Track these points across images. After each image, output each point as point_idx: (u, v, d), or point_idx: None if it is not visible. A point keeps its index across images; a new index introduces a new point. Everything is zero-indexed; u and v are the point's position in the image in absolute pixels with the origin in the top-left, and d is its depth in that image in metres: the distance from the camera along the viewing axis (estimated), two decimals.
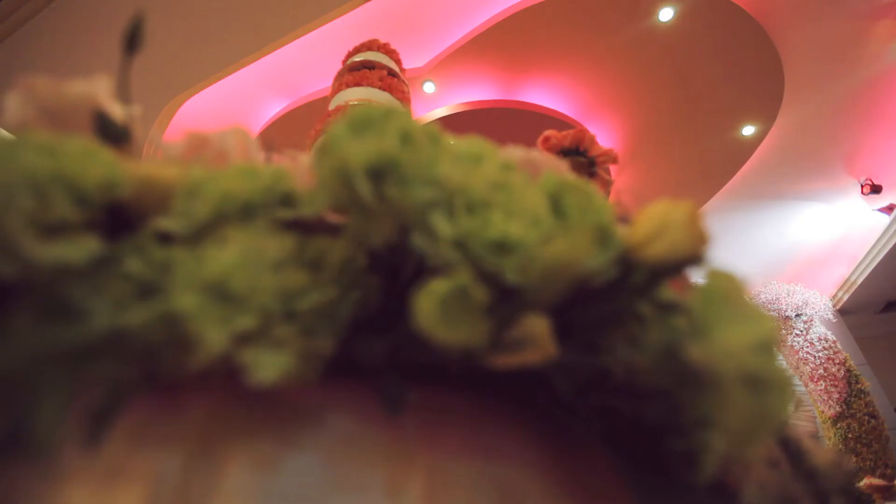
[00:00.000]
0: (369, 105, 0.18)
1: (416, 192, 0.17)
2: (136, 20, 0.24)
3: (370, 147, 0.16)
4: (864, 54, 3.21)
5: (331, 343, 0.18)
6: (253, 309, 0.15)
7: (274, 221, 0.19)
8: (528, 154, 0.26)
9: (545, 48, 3.23)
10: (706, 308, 0.15)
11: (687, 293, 0.19)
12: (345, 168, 0.16)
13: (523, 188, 0.18)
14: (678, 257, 0.19)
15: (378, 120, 0.18)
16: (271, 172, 0.21)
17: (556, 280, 0.15)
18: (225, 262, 0.15)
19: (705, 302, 0.15)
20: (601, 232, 0.20)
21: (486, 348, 0.14)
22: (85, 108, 0.23)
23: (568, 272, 0.15)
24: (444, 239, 0.16)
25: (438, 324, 0.14)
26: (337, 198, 0.17)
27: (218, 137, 0.25)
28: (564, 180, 0.20)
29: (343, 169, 0.16)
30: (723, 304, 0.15)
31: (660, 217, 0.20)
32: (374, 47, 1.54)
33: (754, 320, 0.14)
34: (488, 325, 0.15)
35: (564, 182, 0.20)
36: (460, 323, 0.14)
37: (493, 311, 0.15)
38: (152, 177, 0.21)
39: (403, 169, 0.16)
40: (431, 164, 0.17)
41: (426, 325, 0.14)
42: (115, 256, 0.18)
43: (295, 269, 0.17)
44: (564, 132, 0.84)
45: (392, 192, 0.16)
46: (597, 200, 0.20)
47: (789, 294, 4.87)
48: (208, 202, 0.19)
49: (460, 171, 0.20)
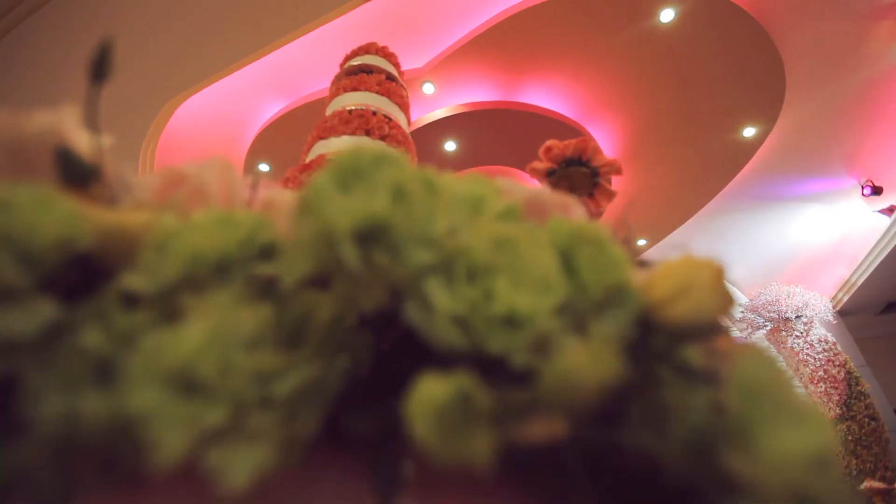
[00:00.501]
0: (358, 151, 0.16)
1: (409, 256, 0.15)
2: (103, 46, 0.22)
3: (358, 207, 0.14)
4: (865, 55, 3.20)
5: (315, 424, 0.16)
6: (223, 399, 0.13)
7: (251, 280, 0.17)
8: (533, 193, 0.24)
9: (545, 49, 3.21)
10: (747, 405, 0.13)
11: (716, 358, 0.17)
12: (329, 232, 0.14)
13: (530, 245, 0.16)
14: (703, 320, 0.17)
15: (367, 170, 0.16)
16: (250, 222, 0.19)
17: (572, 396, 0.13)
18: (191, 344, 0.13)
19: (746, 397, 0.13)
20: (617, 290, 0.18)
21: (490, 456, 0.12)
22: (49, 143, 0.21)
23: (586, 389, 0.13)
24: (443, 314, 0.14)
25: (435, 437, 0.12)
26: (320, 262, 0.15)
27: (196, 173, 0.23)
28: (575, 231, 0.18)
29: (327, 232, 0.14)
30: (767, 402, 0.13)
31: (683, 275, 0.18)
32: (372, 51, 1.51)
33: (806, 424, 0.12)
34: (495, 435, 0.13)
35: (575, 233, 0.18)
36: (461, 435, 0.12)
37: (501, 415, 0.13)
38: (118, 226, 0.19)
39: (395, 231, 0.14)
40: (427, 219, 0.15)
41: (421, 437, 0.12)
42: (71, 324, 0.16)
43: (272, 345, 0.15)
44: (567, 142, 0.81)
45: (382, 258, 0.14)
46: (611, 252, 0.18)
47: (789, 296, 4.85)
48: (178, 260, 0.17)
49: (460, 219, 0.18)
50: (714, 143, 3.86)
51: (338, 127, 1.20)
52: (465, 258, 0.15)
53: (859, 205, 4.61)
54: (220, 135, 3.91)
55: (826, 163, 4.13)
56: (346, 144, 1.27)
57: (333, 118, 1.24)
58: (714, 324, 0.17)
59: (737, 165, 4.08)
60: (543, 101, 3.59)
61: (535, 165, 0.91)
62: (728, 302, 0.17)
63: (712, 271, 0.18)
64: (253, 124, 3.88)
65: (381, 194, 0.15)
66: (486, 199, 0.20)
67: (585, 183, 0.85)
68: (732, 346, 0.16)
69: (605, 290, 0.18)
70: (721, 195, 4.42)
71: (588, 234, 0.18)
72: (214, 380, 0.13)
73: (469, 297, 0.14)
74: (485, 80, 3.44)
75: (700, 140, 3.84)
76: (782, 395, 0.13)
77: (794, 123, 3.70)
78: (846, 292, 5.57)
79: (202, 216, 0.19)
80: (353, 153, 0.16)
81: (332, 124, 1.21)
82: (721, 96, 3.46)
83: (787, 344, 4.83)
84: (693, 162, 4.06)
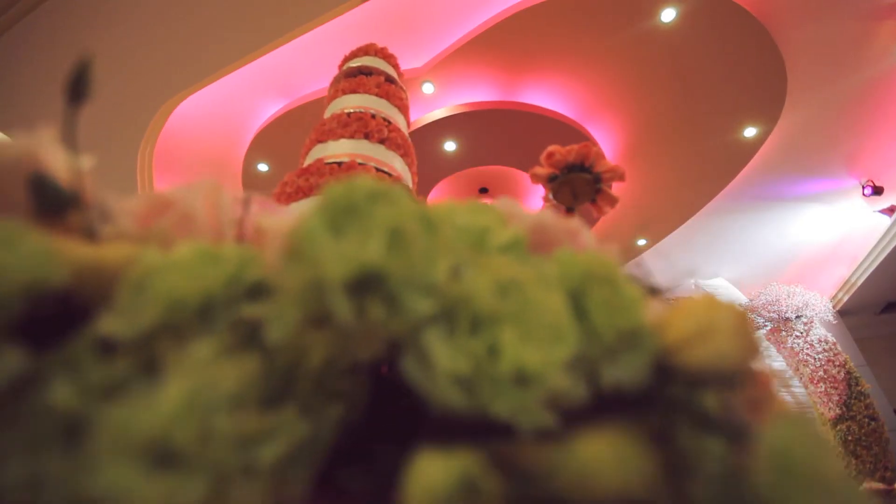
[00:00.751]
0: (351, 186, 0.15)
1: (407, 306, 0.13)
2: (81, 65, 0.20)
3: (351, 254, 0.13)
4: (867, 55, 3.18)
5: (304, 484, 0.15)
6: (202, 470, 0.12)
7: (237, 325, 0.16)
8: (538, 219, 0.22)
9: (546, 49, 3.19)
10: (779, 480, 0.12)
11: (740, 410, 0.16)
12: (319, 282, 0.13)
13: (538, 288, 0.15)
14: (725, 367, 0.16)
15: (361, 208, 0.14)
16: (237, 258, 0.18)
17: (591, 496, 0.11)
18: (167, 410, 0.12)
19: (778, 470, 0.12)
20: (631, 334, 0.16)
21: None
22: (23, 170, 0.19)
23: (607, 492, 0.11)
24: (443, 373, 0.13)
25: None
26: (310, 313, 0.13)
27: (182, 198, 0.22)
28: (586, 269, 0.17)
29: (317, 282, 0.13)
30: (802, 480, 0.11)
31: (702, 316, 0.17)
32: (371, 52, 1.49)
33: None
34: None
35: (586, 272, 0.17)
36: None
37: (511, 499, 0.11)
38: (95, 262, 0.18)
39: (392, 279, 0.13)
40: (427, 264, 0.14)
41: None
42: (40, 376, 0.15)
43: (258, 403, 0.13)
44: (569, 147, 0.80)
45: (377, 311, 0.13)
46: (625, 292, 0.17)
47: (789, 296, 4.84)
48: (157, 302, 0.16)
49: (462, 256, 0.17)
50: (715, 142, 3.84)
51: (336, 130, 1.18)
52: (467, 306, 0.14)
53: (860, 205, 4.60)
54: (218, 135, 3.89)
55: (827, 163, 4.12)
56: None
57: (332, 121, 1.22)
58: (738, 372, 0.16)
59: (737, 165, 4.07)
60: (543, 101, 3.57)
61: (537, 171, 0.90)
62: (753, 349, 0.16)
63: (735, 314, 0.16)
64: (252, 124, 3.86)
65: (377, 238, 0.13)
66: (489, 231, 0.19)
67: (588, 189, 0.84)
68: (761, 399, 0.15)
69: (618, 333, 0.16)
70: (721, 195, 4.40)
71: (600, 272, 0.17)
72: (193, 448, 0.12)
73: (473, 352, 0.13)
74: (485, 80, 3.42)
75: (701, 140, 3.83)
76: (819, 472, 0.11)
77: (795, 123, 3.68)
78: (846, 292, 5.56)
79: (185, 251, 0.18)
80: (346, 189, 0.15)
81: (331, 127, 1.19)
82: (722, 96, 3.44)
83: (787, 344, 4.83)
84: (694, 162, 4.05)
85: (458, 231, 0.18)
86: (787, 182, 4.32)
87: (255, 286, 0.18)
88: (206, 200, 0.22)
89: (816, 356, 4.69)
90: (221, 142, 3.95)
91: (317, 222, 0.14)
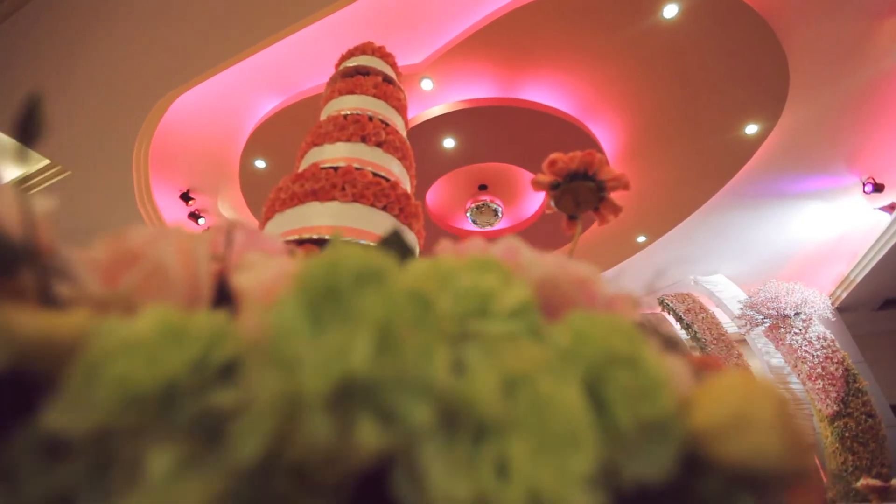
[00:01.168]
0: (334, 266, 0.13)
1: (399, 415, 0.11)
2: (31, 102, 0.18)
3: (332, 359, 0.11)
4: (870, 53, 3.15)
5: None
6: None
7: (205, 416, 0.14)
8: (547, 271, 0.20)
9: (546, 45, 3.15)
10: None
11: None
12: (296, 396, 0.11)
13: (551, 381, 0.13)
14: (765, 468, 0.14)
15: (346, 296, 0.12)
16: (206, 333, 0.15)
17: None
18: None
19: None
20: (657, 424, 0.14)
21: None
22: None
23: None
24: (441, 498, 0.11)
25: None
26: (283, 430, 0.11)
27: (153, 248, 0.19)
28: (604, 348, 0.15)
29: (293, 397, 0.11)
30: None
31: (737, 404, 0.15)
32: (368, 51, 1.46)
33: None
34: None
35: (604, 352, 0.15)
36: None
37: None
38: (45, 336, 0.16)
39: (381, 388, 0.11)
40: (422, 360, 0.12)
41: None
42: None
43: None
44: (571, 154, 0.78)
45: (364, 428, 0.11)
46: (648, 372, 0.15)
47: (788, 293, 4.84)
48: (110, 393, 0.14)
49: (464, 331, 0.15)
50: (716, 140, 3.82)
51: (333, 133, 1.15)
52: (470, 412, 0.12)
53: (860, 202, 4.59)
54: (215, 131, 3.85)
55: (828, 160, 4.10)
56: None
57: (328, 123, 1.19)
58: (780, 472, 0.14)
59: (738, 163, 4.04)
60: (543, 98, 3.53)
61: (539, 178, 0.87)
62: (798, 445, 0.14)
63: (775, 401, 0.14)
64: (249, 121, 3.82)
65: (363, 337, 0.11)
66: (493, 296, 0.17)
67: (591, 197, 0.82)
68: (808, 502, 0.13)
69: (642, 425, 0.14)
70: (722, 192, 4.39)
71: (620, 351, 0.15)
72: None
73: (476, 473, 0.11)
74: (484, 76, 3.38)
75: (702, 137, 3.80)
76: None
77: (797, 121, 3.66)
78: (845, 289, 5.57)
79: (147, 326, 0.15)
80: (327, 270, 0.12)
81: (327, 130, 1.16)
82: (724, 93, 3.41)
83: (785, 341, 4.83)
84: (694, 159, 4.03)
85: (459, 298, 0.16)
86: (787, 179, 4.30)
87: (228, 365, 0.15)
88: (179, 249, 0.20)
89: (815, 353, 4.70)
90: (218, 138, 3.91)
91: (293, 313, 0.12)
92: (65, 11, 3.10)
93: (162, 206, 4.27)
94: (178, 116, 3.64)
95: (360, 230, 0.98)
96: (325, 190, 1.00)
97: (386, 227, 1.03)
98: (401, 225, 1.06)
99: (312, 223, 0.98)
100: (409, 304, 0.13)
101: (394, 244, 0.22)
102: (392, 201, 1.06)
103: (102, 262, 0.19)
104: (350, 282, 0.12)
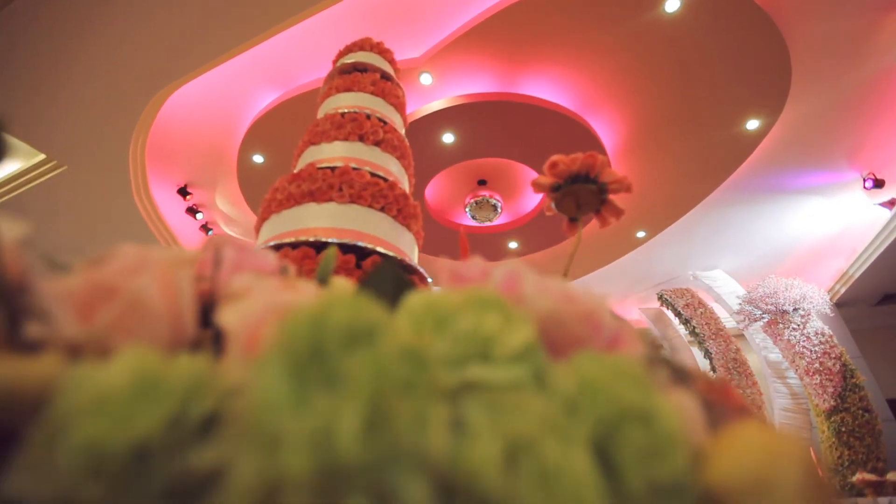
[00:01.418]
0: (321, 323, 0.12)
1: (392, 497, 0.10)
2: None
3: (317, 439, 0.10)
4: (872, 48, 3.12)
5: None
6: None
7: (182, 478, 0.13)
8: (551, 308, 0.19)
9: (546, 39, 3.12)
10: None
11: None
12: (276, 478, 0.10)
13: (556, 445, 0.12)
14: None
15: (333, 359, 0.11)
16: (184, 384, 0.14)
17: None
18: None
19: None
20: (672, 487, 0.13)
21: None
22: None
23: None
24: None
25: None
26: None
27: (131, 280, 0.18)
28: (614, 403, 0.14)
29: (274, 479, 0.10)
30: None
31: (758, 462, 0.13)
32: (366, 47, 1.43)
33: None
34: None
35: (614, 407, 0.14)
36: None
37: None
38: (6, 386, 0.15)
39: (372, 469, 0.10)
40: (417, 430, 0.11)
41: None
42: None
43: None
44: (573, 156, 0.76)
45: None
46: (662, 429, 0.14)
47: (787, 288, 4.85)
48: (75, 460, 0.13)
49: (463, 382, 0.14)
50: (717, 135, 3.80)
51: (330, 131, 1.13)
52: (471, 487, 0.11)
53: (860, 197, 4.58)
54: (213, 125, 3.82)
55: (829, 156, 4.08)
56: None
57: (325, 122, 1.16)
58: None
59: (739, 158, 4.03)
60: (543, 93, 3.50)
61: (539, 180, 0.86)
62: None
63: (799, 464, 0.13)
64: (246, 115, 3.78)
65: (351, 411, 0.10)
66: (494, 340, 0.16)
67: (592, 200, 0.80)
68: None
69: (653, 487, 0.13)
70: (722, 187, 4.37)
71: (631, 405, 0.14)
72: None
73: None
74: (484, 71, 3.35)
75: (703, 132, 3.78)
76: None
77: (798, 116, 3.64)
78: (843, 284, 5.58)
79: (119, 377, 0.14)
80: (312, 328, 0.11)
81: (324, 128, 1.14)
82: (725, 88, 3.39)
83: (783, 336, 4.85)
84: (695, 154, 4.01)
85: (457, 342, 0.15)
86: (788, 175, 4.29)
87: (210, 419, 0.14)
88: (160, 280, 0.19)
89: (813, 348, 4.72)
90: (216, 132, 3.88)
91: (275, 381, 0.11)
92: (61, 4, 3.05)
93: (159, 201, 4.25)
94: (176, 110, 3.60)
95: (357, 232, 0.96)
96: (322, 191, 0.98)
97: (384, 228, 1.01)
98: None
99: (309, 225, 0.96)
100: (402, 366, 0.12)
101: (386, 279, 0.21)
102: (390, 202, 1.05)
103: (78, 295, 0.18)
104: (337, 342, 0.11)
